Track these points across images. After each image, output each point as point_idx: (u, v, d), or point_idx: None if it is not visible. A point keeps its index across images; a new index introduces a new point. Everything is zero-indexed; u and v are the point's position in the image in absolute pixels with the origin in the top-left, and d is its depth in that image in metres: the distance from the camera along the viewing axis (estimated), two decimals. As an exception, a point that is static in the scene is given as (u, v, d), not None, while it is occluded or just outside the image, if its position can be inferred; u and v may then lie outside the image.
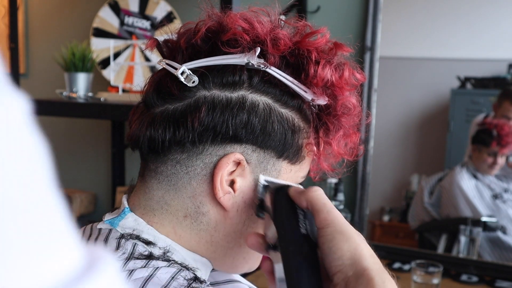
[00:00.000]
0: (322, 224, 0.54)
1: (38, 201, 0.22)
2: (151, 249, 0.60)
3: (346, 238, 0.53)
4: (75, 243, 0.24)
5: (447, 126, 1.96)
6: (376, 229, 2.03)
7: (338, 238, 0.53)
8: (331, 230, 0.54)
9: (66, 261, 0.23)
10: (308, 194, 0.56)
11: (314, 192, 0.56)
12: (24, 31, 2.38)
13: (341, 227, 0.54)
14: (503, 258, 1.80)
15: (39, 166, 0.23)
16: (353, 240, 0.53)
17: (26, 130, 0.22)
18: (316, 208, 0.55)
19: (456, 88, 1.93)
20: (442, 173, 1.96)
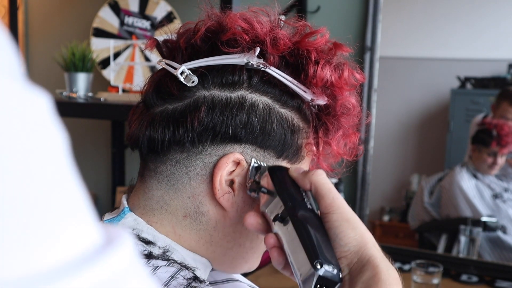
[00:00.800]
0: (327, 210, 0.55)
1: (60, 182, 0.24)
2: (150, 249, 0.60)
3: (353, 226, 0.55)
4: (93, 222, 0.26)
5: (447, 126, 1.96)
6: (376, 229, 2.03)
7: (344, 225, 0.54)
8: (337, 217, 0.55)
9: (85, 237, 0.24)
10: (313, 178, 0.57)
11: (319, 175, 0.57)
12: (24, 31, 2.38)
13: (347, 215, 0.55)
14: (503, 258, 1.80)
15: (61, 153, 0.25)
16: (359, 229, 0.55)
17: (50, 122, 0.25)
18: (322, 193, 0.56)
19: (456, 88, 1.93)
20: (442, 173, 1.96)
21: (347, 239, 0.54)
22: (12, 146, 0.22)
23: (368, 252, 0.53)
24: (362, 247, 0.54)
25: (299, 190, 0.58)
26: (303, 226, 0.54)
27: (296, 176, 0.59)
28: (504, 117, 1.86)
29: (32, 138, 0.23)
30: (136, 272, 0.26)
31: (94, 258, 0.24)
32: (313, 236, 0.53)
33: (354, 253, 0.53)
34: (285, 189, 0.58)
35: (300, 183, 0.58)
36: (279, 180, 0.59)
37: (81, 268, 0.23)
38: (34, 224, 0.22)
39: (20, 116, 0.23)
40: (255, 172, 0.61)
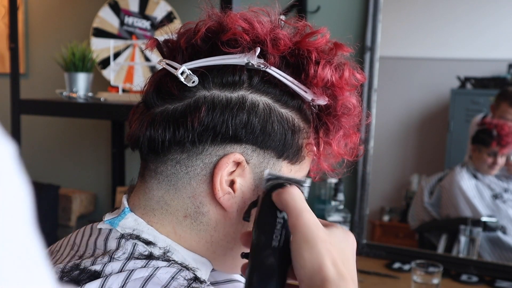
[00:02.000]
0: (292, 230, 0.53)
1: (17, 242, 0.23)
2: (151, 249, 0.60)
3: (309, 246, 0.51)
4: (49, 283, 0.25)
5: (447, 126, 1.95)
6: (376, 229, 2.03)
7: (302, 247, 0.52)
8: (298, 238, 0.52)
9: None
10: (281, 196, 0.55)
11: (285, 194, 0.55)
12: (24, 31, 2.38)
13: (307, 235, 0.52)
14: (503, 258, 1.80)
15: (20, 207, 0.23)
16: (316, 249, 0.51)
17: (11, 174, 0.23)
18: (288, 212, 0.54)
19: (456, 88, 1.93)
20: (442, 173, 1.96)
21: (303, 261, 0.51)
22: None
23: (321, 275, 0.50)
24: (316, 270, 0.50)
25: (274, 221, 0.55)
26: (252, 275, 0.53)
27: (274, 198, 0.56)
28: (504, 117, 1.86)
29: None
30: None
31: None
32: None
33: (308, 278, 0.51)
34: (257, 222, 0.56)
35: (277, 205, 0.56)
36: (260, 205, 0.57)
37: None
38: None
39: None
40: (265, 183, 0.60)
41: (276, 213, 0.55)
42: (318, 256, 0.51)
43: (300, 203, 0.54)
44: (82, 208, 2.26)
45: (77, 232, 0.67)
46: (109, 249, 0.60)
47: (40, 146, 2.43)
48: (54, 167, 2.41)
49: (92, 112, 1.81)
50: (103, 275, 0.56)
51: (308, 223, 0.53)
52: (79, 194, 2.26)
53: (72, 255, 0.63)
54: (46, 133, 2.41)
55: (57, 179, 2.36)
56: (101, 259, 0.58)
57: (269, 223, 0.55)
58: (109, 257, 0.58)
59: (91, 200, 2.31)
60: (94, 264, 0.58)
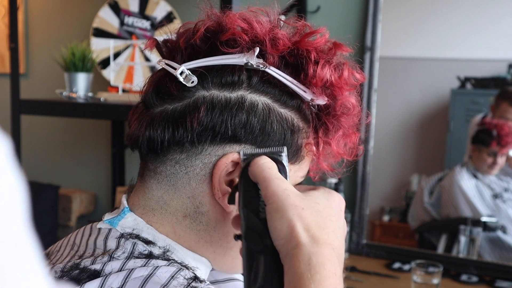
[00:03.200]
0: (265, 201, 0.53)
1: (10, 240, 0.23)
2: (150, 249, 0.60)
3: (280, 215, 0.51)
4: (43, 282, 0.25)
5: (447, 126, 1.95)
6: (376, 229, 2.03)
7: (274, 216, 0.52)
8: (269, 208, 0.53)
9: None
10: (251, 170, 0.55)
11: (253, 166, 0.55)
12: (24, 31, 2.38)
13: (276, 204, 0.52)
14: (503, 258, 1.80)
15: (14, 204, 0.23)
16: (286, 217, 0.51)
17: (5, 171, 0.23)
18: (259, 184, 0.54)
19: (456, 88, 1.93)
20: (442, 173, 1.96)
21: (276, 231, 0.51)
22: None
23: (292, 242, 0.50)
24: (288, 238, 0.50)
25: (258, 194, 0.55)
26: (246, 252, 0.53)
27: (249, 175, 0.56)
28: (504, 117, 1.86)
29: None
30: None
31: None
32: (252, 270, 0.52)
33: (283, 246, 0.51)
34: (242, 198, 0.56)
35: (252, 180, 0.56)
36: (242, 184, 0.56)
37: None
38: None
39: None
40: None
41: (256, 186, 0.55)
42: (289, 223, 0.50)
43: (268, 171, 0.54)
44: (82, 208, 2.26)
45: (77, 232, 0.67)
46: (109, 249, 0.60)
47: (40, 146, 2.43)
48: (54, 167, 2.42)
49: (92, 112, 1.81)
50: (103, 274, 0.56)
51: (276, 191, 0.52)
52: (79, 194, 2.26)
53: (72, 255, 0.63)
54: (46, 133, 2.42)
55: (57, 179, 2.36)
56: (101, 258, 0.58)
57: (252, 198, 0.55)
58: (109, 257, 0.58)
59: (91, 200, 2.31)
60: (94, 263, 0.58)
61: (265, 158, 0.56)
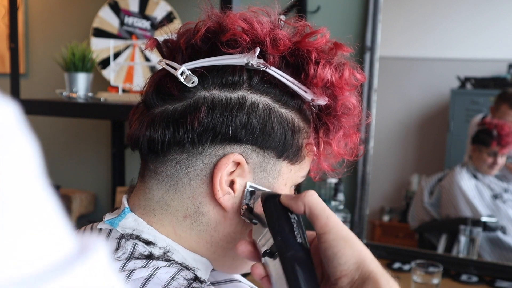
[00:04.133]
0: (323, 230, 0.55)
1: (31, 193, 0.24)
2: (151, 249, 0.60)
3: (350, 243, 0.54)
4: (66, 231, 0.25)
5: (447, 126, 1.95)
6: (376, 229, 2.03)
7: (342, 244, 0.54)
8: (334, 236, 0.54)
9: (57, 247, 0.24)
10: (306, 199, 0.56)
11: (311, 196, 0.57)
12: (24, 31, 2.38)
13: (343, 233, 0.55)
14: (503, 258, 1.80)
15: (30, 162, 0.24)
16: (356, 246, 0.55)
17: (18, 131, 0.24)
18: (316, 213, 0.56)
19: (456, 88, 1.93)
20: (442, 173, 1.96)
21: (346, 257, 0.54)
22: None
23: (368, 268, 0.53)
24: (362, 263, 0.54)
25: (289, 220, 0.57)
26: (291, 267, 0.54)
27: (287, 202, 0.58)
28: (503, 119, 1.86)
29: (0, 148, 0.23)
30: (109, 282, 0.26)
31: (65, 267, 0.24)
32: (300, 278, 0.53)
33: (354, 271, 0.53)
34: (276, 221, 0.57)
35: (293, 207, 0.57)
36: (270, 209, 0.58)
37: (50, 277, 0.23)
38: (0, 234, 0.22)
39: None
40: (250, 197, 0.61)
41: (288, 214, 0.58)
42: (360, 252, 0.54)
43: (325, 205, 0.57)
44: (82, 208, 2.26)
45: (77, 232, 0.67)
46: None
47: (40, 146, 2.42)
48: (54, 167, 2.41)
49: (92, 112, 1.81)
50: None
51: (339, 223, 0.56)
52: (79, 194, 2.26)
53: (72, 255, 0.63)
54: (46, 133, 2.41)
55: (57, 179, 2.36)
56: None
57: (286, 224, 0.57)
58: (109, 257, 0.58)
59: (91, 200, 2.31)
60: (94, 264, 0.57)
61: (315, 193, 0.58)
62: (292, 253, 0.55)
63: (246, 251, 0.59)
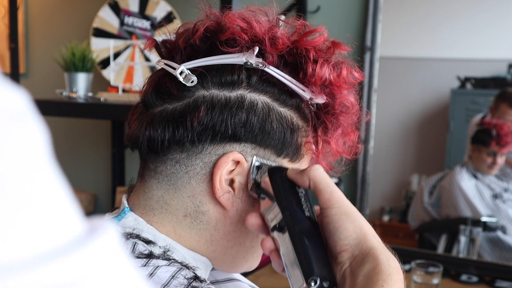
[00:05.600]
0: (326, 204, 0.56)
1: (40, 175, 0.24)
2: (151, 248, 0.60)
3: (352, 219, 0.55)
4: (75, 212, 0.26)
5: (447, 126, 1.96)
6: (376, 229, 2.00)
7: (343, 219, 0.55)
8: (336, 211, 0.55)
9: (66, 228, 0.25)
10: (311, 173, 0.57)
11: (316, 170, 0.57)
12: (24, 31, 2.38)
13: (346, 208, 0.55)
14: (503, 258, 1.80)
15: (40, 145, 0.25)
16: (358, 222, 0.55)
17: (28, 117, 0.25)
18: (320, 188, 0.56)
19: (456, 88, 1.93)
20: (442, 173, 1.96)
21: (347, 232, 0.54)
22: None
23: (369, 244, 0.54)
24: (362, 239, 0.54)
25: (297, 194, 0.58)
26: (300, 241, 0.55)
27: (294, 176, 0.58)
28: (503, 119, 1.86)
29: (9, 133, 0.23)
30: (119, 260, 0.26)
31: (74, 246, 0.24)
32: (310, 251, 0.54)
33: (354, 246, 0.54)
34: (284, 195, 0.58)
35: (299, 182, 0.58)
36: (277, 183, 0.59)
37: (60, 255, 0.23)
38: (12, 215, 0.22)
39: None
40: (256, 172, 0.62)
41: (295, 188, 0.58)
42: (362, 227, 0.55)
43: (330, 179, 0.57)
44: (82, 208, 2.26)
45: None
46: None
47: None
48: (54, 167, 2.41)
49: (92, 112, 1.81)
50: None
51: (343, 197, 0.56)
52: (79, 194, 2.26)
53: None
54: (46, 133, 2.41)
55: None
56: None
57: (294, 198, 0.58)
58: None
59: (91, 200, 2.31)
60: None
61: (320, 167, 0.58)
62: (301, 227, 0.55)
63: (256, 224, 0.59)
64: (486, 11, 1.93)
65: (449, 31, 1.96)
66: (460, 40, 1.97)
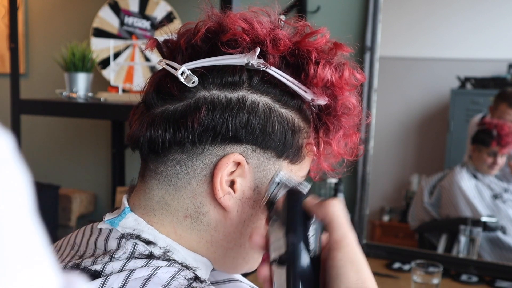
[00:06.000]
0: (335, 246, 0.54)
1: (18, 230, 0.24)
2: (151, 249, 0.60)
3: (356, 269, 0.53)
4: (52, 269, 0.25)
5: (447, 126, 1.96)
6: (376, 229, 2.03)
7: (348, 267, 0.53)
8: (342, 256, 0.53)
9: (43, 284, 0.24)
10: (329, 209, 0.55)
11: (335, 206, 0.55)
12: (24, 31, 2.38)
13: (353, 256, 0.53)
14: (503, 258, 1.80)
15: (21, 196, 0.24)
16: (362, 273, 0.53)
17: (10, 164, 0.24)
18: (333, 226, 0.55)
19: (456, 88, 1.93)
20: (442, 173, 1.96)
21: (348, 282, 0.52)
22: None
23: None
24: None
25: (307, 227, 0.56)
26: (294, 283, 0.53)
27: (310, 206, 0.57)
28: (503, 118, 1.86)
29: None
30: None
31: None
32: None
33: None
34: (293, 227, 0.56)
35: (316, 212, 0.56)
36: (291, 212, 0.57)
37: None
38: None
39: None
40: (275, 187, 0.61)
41: (307, 220, 0.56)
42: (364, 280, 0.53)
43: (346, 220, 0.55)
44: (82, 208, 2.26)
45: (77, 232, 0.67)
46: (109, 249, 0.60)
47: (40, 146, 2.43)
48: (54, 167, 2.41)
49: (92, 112, 1.81)
50: (103, 274, 0.56)
51: (353, 244, 0.54)
52: (79, 194, 2.26)
53: (73, 255, 0.63)
54: (46, 133, 2.41)
55: (57, 179, 2.36)
56: (102, 258, 0.58)
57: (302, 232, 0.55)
58: (110, 257, 0.58)
59: (91, 200, 2.31)
60: (95, 263, 0.58)
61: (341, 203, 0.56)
62: (300, 270, 0.53)
63: (259, 244, 0.58)
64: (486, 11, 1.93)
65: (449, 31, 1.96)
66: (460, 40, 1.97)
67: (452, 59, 1.97)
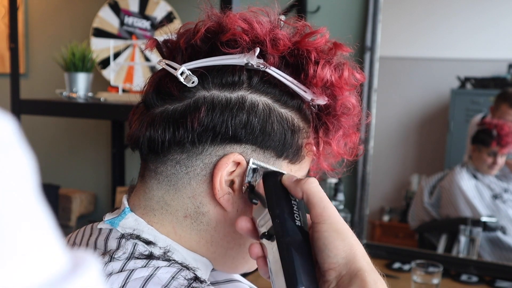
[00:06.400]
0: (318, 219, 0.55)
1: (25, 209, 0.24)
2: (151, 249, 0.60)
3: (342, 237, 0.54)
4: (59, 247, 0.26)
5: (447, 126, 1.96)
6: (376, 229, 2.03)
7: (333, 236, 0.54)
8: (327, 227, 0.54)
9: (51, 263, 0.25)
10: (305, 186, 0.57)
11: (310, 184, 0.57)
12: (24, 31, 2.38)
13: (337, 225, 0.55)
14: (503, 258, 1.80)
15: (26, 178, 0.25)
16: (348, 240, 0.54)
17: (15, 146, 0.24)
18: (313, 202, 0.56)
19: (456, 88, 1.93)
20: (442, 173, 1.96)
21: (336, 250, 0.53)
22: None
23: (357, 264, 0.53)
24: (351, 259, 0.53)
25: (290, 202, 0.57)
26: (287, 252, 0.54)
27: (288, 184, 0.58)
28: (503, 119, 1.86)
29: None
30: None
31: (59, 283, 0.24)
32: (296, 263, 0.53)
33: (342, 265, 0.53)
34: (275, 202, 0.57)
35: (292, 192, 0.58)
36: (270, 189, 0.58)
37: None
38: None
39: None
40: (252, 174, 0.61)
41: (289, 195, 0.58)
42: (352, 246, 0.54)
43: (324, 194, 0.57)
44: (82, 208, 2.26)
45: (77, 232, 0.67)
46: (109, 249, 0.60)
47: (40, 146, 2.43)
48: (54, 167, 2.42)
49: (92, 112, 1.81)
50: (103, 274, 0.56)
51: (335, 214, 0.55)
52: (79, 194, 2.26)
53: (72, 255, 0.63)
54: (46, 133, 2.42)
55: (57, 179, 2.36)
56: (102, 259, 0.58)
57: (286, 206, 0.57)
58: (110, 257, 0.58)
59: (91, 200, 2.31)
60: (94, 264, 0.58)
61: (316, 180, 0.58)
62: (290, 238, 0.55)
63: (245, 228, 0.59)
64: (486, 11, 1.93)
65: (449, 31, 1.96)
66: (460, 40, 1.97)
67: (452, 59, 1.97)
